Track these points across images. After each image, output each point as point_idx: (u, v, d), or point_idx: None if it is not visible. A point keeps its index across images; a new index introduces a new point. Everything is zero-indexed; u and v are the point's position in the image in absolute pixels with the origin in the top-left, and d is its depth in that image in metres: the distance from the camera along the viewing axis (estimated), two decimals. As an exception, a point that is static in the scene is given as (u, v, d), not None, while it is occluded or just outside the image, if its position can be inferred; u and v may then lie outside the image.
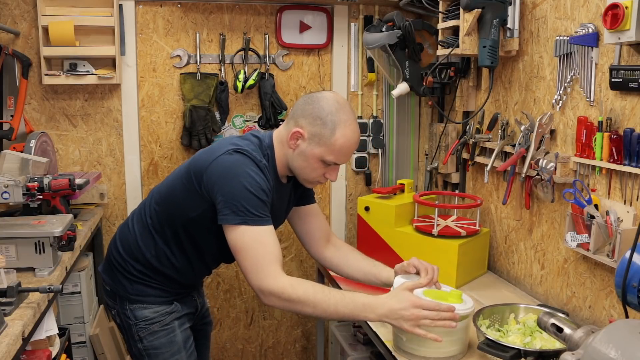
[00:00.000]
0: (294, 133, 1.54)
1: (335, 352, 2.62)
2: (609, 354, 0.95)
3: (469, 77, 2.37)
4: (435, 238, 2.05)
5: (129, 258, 1.68)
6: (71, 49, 2.37)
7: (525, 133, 1.88)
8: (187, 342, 1.74)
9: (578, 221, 1.65)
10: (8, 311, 1.43)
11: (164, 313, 1.69)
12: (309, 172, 1.57)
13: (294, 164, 1.58)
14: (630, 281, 1.14)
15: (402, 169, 2.88)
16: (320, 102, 1.52)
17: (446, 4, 2.17)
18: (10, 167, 1.94)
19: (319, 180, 1.61)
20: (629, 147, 1.50)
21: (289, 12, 2.65)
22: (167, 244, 1.65)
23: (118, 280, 1.71)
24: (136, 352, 1.71)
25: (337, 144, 1.51)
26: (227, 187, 1.47)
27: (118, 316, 1.72)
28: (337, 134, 1.50)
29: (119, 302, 1.70)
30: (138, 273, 1.68)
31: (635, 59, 1.51)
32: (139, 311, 1.67)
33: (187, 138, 2.62)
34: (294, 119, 1.56)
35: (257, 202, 1.47)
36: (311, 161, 1.54)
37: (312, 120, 1.51)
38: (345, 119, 1.51)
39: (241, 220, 1.46)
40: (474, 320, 1.55)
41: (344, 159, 1.56)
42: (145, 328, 1.67)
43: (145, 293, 1.68)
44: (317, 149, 1.52)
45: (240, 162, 1.50)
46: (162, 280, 1.69)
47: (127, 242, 1.70)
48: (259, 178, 1.49)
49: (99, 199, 2.61)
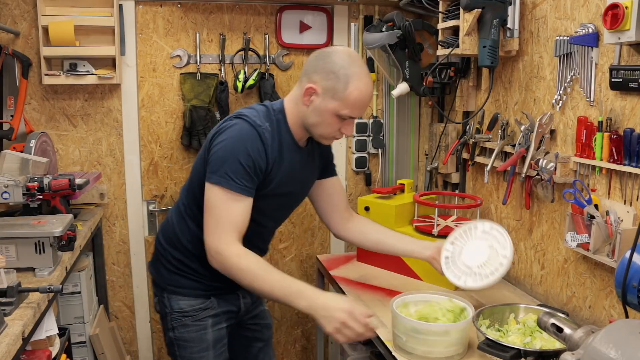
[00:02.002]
0: (307, 89, 1.53)
1: (335, 352, 2.62)
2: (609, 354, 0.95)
3: (469, 77, 2.37)
4: (436, 238, 2.05)
5: (168, 246, 1.73)
6: (71, 49, 2.37)
7: (525, 133, 1.88)
8: (218, 342, 1.73)
9: (578, 221, 1.65)
10: (8, 311, 1.43)
11: (198, 308, 1.70)
12: (324, 127, 1.56)
13: (309, 121, 1.57)
14: (630, 281, 1.14)
15: (402, 169, 2.88)
16: (332, 56, 1.52)
17: (446, 4, 2.17)
18: (10, 167, 1.94)
19: (335, 136, 1.60)
20: (629, 147, 1.50)
21: (289, 12, 2.65)
22: (199, 226, 1.63)
23: (159, 271, 1.76)
24: (168, 341, 1.75)
25: (351, 97, 1.50)
26: (217, 148, 1.52)
27: (158, 304, 1.77)
28: (350, 87, 1.49)
29: (159, 291, 1.75)
30: (176, 262, 1.71)
31: (635, 59, 1.51)
32: (175, 302, 1.71)
33: (187, 138, 2.62)
34: (307, 76, 1.55)
35: (240, 170, 1.49)
36: (326, 116, 1.54)
37: (324, 75, 1.51)
38: (359, 72, 1.51)
39: (217, 180, 1.50)
40: (474, 320, 1.55)
41: (358, 113, 1.55)
42: (178, 319, 1.70)
43: (181, 284, 1.71)
44: (332, 103, 1.51)
45: (237, 127, 1.53)
46: (199, 270, 1.68)
47: (167, 231, 1.75)
48: (251, 145, 1.51)
49: (99, 199, 2.61)
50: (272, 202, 1.65)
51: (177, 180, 2.71)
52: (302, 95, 1.55)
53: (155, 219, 2.72)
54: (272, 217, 1.74)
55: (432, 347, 1.49)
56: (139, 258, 2.71)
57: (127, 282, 2.73)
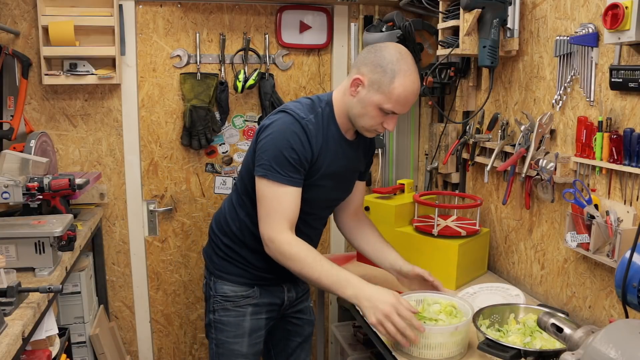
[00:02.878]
0: (355, 80, 1.58)
1: (335, 352, 2.63)
2: (609, 354, 0.95)
3: (469, 77, 2.37)
4: (435, 238, 2.05)
5: (219, 233, 1.81)
6: (71, 49, 2.37)
7: (525, 133, 1.88)
8: (254, 332, 1.79)
9: (578, 221, 1.65)
10: (8, 311, 1.43)
11: (240, 295, 1.77)
12: (367, 119, 1.60)
13: (353, 111, 1.61)
14: (630, 281, 1.14)
15: (402, 169, 2.89)
16: (383, 51, 1.56)
17: (446, 4, 2.17)
18: (10, 167, 1.94)
19: (377, 130, 1.64)
20: (629, 147, 1.50)
21: (289, 12, 2.65)
22: (248, 215, 1.72)
23: (210, 256, 1.84)
24: (207, 322, 1.84)
25: (395, 92, 1.53)
26: (263, 142, 1.59)
27: (205, 286, 1.86)
28: (396, 82, 1.53)
29: (208, 275, 1.84)
30: (225, 248, 1.79)
31: (635, 59, 1.51)
32: (220, 286, 1.79)
33: (187, 138, 2.62)
34: (357, 67, 1.60)
35: (285, 162, 1.55)
36: (369, 108, 1.57)
37: (372, 67, 1.55)
38: (406, 69, 1.54)
39: (263, 173, 1.57)
40: (474, 320, 1.55)
41: (402, 109, 1.58)
42: (220, 303, 1.78)
43: (229, 271, 1.78)
44: (376, 96, 1.55)
45: (280, 120, 1.59)
46: (247, 257, 1.76)
47: (219, 219, 1.84)
48: (295, 139, 1.56)
49: (99, 199, 2.61)
50: (320, 192, 1.69)
51: (177, 180, 2.71)
52: (350, 85, 1.60)
53: (155, 219, 2.72)
54: (320, 207, 1.78)
55: (432, 348, 1.49)
56: (139, 258, 2.71)
57: (127, 282, 2.73)
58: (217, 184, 2.75)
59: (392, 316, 1.44)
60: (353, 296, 1.50)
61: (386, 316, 1.45)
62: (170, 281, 2.79)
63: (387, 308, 1.45)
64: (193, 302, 2.84)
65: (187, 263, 2.79)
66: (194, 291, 2.83)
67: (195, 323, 2.86)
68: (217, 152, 2.72)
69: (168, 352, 2.86)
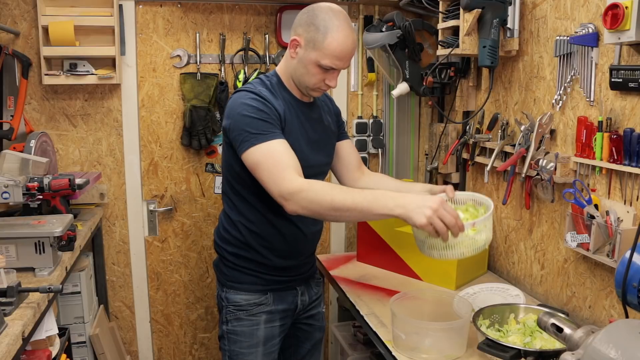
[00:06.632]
0: (292, 42, 1.62)
1: (335, 352, 2.63)
2: (609, 354, 0.95)
3: (469, 77, 2.37)
4: (435, 238, 2.05)
5: (222, 243, 1.80)
6: (71, 49, 2.37)
7: (525, 133, 1.88)
8: (269, 341, 1.76)
9: (578, 221, 1.65)
10: (8, 311, 1.43)
11: (253, 303, 1.74)
12: (309, 78, 1.63)
13: (296, 73, 1.65)
14: (630, 281, 1.14)
15: (402, 169, 2.88)
16: (315, 10, 1.60)
17: (446, 4, 2.17)
18: (10, 167, 1.94)
19: (320, 87, 1.65)
20: (629, 147, 1.50)
21: (289, 12, 2.65)
22: (241, 215, 1.72)
23: (220, 269, 1.82)
24: (220, 333, 1.81)
25: (330, 47, 1.56)
26: (230, 124, 1.59)
27: (217, 298, 1.84)
28: (329, 37, 1.56)
29: (220, 286, 1.82)
30: (231, 257, 1.77)
31: (635, 59, 1.51)
32: (232, 295, 1.76)
33: (187, 138, 2.62)
34: (293, 30, 1.63)
35: (256, 122, 1.55)
36: (309, 67, 1.60)
37: (306, 27, 1.59)
38: (338, 24, 1.57)
39: (248, 144, 1.54)
40: (474, 320, 1.55)
41: (340, 64, 1.60)
42: (233, 312, 1.76)
43: (240, 280, 1.76)
44: (313, 54, 1.58)
45: (235, 98, 1.62)
46: (256, 259, 1.74)
47: (219, 231, 1.83)
48: (254, 102, 1.58)
49: (99, 199, 2.61)
50: (301, 158, 1.58)
51: (177, 180, 2.71)
52: (289, 48, 1.64)
53: (155, 219, 2.72)
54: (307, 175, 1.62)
55: (432, 346, 1.49)
56: (139, 258, 2.71)
57: (127, 282, 2.73)
58: (217, 184, 2.75)
59: (440, 210, 1.36)
60: (395, 206, 1.39)
61: (435, 211, 1.35)
62: (170, 281, 2.79)
63: (434, 205, 1.37)
64: (193, 302, 2.84)
65: (187, 263, 2.79)
66: (194, 291, 2.83)
67: (195, 323, 2.87)
68: (217, 152, 2.72)
69: (168, 352, 2.86)
